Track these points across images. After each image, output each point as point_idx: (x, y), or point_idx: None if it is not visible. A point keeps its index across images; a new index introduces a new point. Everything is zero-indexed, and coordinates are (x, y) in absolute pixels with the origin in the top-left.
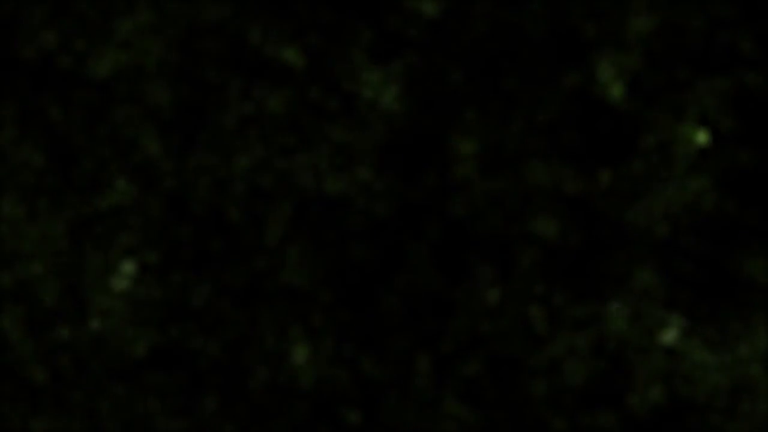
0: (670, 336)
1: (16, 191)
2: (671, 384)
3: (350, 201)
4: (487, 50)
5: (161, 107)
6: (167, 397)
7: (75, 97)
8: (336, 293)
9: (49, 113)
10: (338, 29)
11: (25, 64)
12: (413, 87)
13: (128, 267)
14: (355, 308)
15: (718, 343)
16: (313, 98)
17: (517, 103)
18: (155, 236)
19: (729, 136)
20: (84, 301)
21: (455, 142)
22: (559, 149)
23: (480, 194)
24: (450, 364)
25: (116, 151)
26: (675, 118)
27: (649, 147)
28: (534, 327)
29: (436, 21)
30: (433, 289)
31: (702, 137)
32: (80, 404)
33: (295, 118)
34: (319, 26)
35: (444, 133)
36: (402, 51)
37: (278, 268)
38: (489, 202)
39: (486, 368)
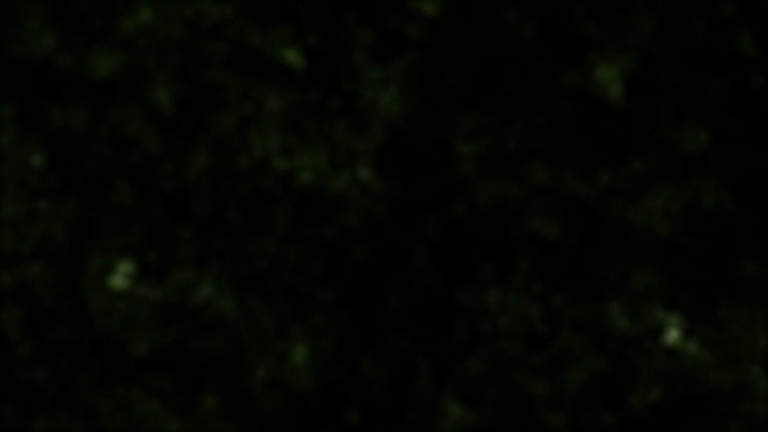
0: (670, 336)
1: (16, 191)
2: (671, 384)
3: (350, 201)
4: (487, 50)
5: (161, 107)
6: (167, 397)
7: (75, 97)
8: (336, 293)
9: (49, 113)
10: (338, 29)
11: (25, 64)
12: (413, 87)
13: (128, 267)
14: (355, 308)
15: (718, 343)
16: (313, 98)
17: (517, 103)
18: (155, 236)
19: (729, 136)
20: (84, 301)
21: (455, 142)
22: (559, 149)
23: (480, 194)
24: (450, 364)
25: (116, 151)
26: (675, 118)
27: (649, 147)
28: (534, 327)
29: (436, 21)
30: (433, 289)
31: (702, 137)
32: (80, 404)
33: (295, 118)
34: (319, 26)
35: (444, 133)
36: (402, 51)
37: (278, 268)
38: (489, 202)
39: (486, 368)
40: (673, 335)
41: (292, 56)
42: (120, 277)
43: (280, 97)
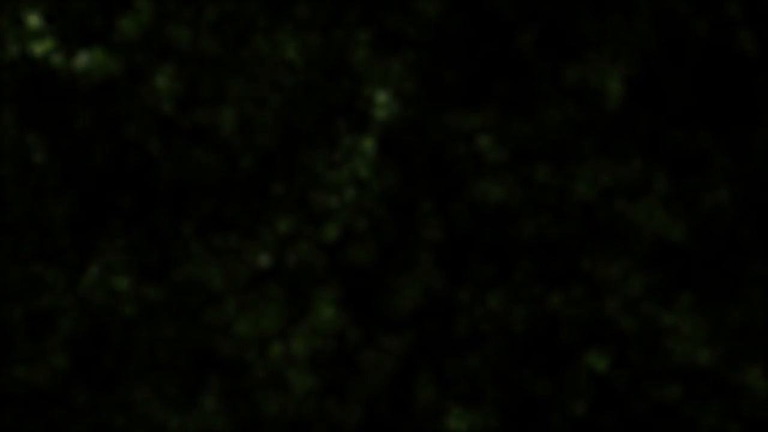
0: (668, 336)
1: (16, 190)
2: (671, 384)
3: (350, 201)
4: (488, 50)
5: (161, 107)
6: (167, 396)
7: (75, 97)
8: (336, 293)
9: (49, 113)
10: (338, 28)
11: (25, 64)
12: (413, 86)
13: (128, 267)
14: (355, 308)
15: (718, 343)
16: (313, 98)
17: (518, 103)
18: (156, 236)
19: (729, 136)
20: (84, 300)
21: (455, 141)
22: (559, 149)
23: (480, 194)
24: (450, 364)
25: (116, 152)
26: (675, 118)
27: (649, 147)
28: (534, 327)
29: (436, 21)
30: (433, 289)
31: (702, 137)
32: (80, 404)
33: (295, 117)
34: (319, 26)
35: (444, 132)
36: (402, 49)
37: (279, 267)
38: (489, 202)
39: (486, 368)
40: (672, 335)
41: (292, 56)
42: (121, 277)
43: (280, 97)
